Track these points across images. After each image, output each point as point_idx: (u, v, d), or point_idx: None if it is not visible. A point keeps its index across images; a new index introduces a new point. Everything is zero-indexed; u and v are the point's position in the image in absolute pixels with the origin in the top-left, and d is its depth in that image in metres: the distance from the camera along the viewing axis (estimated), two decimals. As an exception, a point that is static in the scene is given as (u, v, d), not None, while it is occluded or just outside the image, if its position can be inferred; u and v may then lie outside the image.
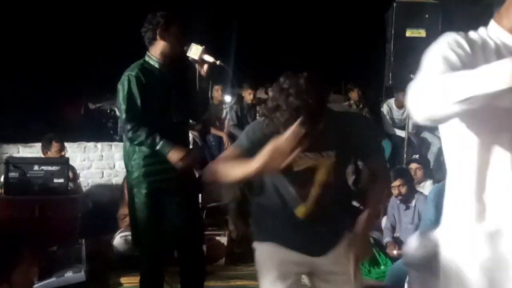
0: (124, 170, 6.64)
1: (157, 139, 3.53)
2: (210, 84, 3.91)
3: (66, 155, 6.05)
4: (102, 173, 7.09)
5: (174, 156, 3.54)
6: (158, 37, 3.63)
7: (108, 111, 9.18)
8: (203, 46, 3.59)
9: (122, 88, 3.57)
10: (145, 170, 3.60)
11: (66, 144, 6.31)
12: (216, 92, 7.81)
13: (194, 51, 3.59)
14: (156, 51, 3.66)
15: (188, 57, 3.64)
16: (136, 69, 3.59)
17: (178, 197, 3.66)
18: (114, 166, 7.11)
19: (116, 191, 6.35)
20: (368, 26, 8.82)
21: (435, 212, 4.01)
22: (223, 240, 5.59)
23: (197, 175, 6.24)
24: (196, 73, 3.67)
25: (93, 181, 7.01)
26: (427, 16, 4.64)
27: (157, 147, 3.53)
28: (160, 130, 3.55)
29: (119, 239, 5.29)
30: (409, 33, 5.06)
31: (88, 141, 7.23)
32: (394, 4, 5.53)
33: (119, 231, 5.40)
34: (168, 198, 3.64)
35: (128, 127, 3.56)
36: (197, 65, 3.65)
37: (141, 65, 3.64)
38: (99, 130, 8.79)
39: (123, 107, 3.56)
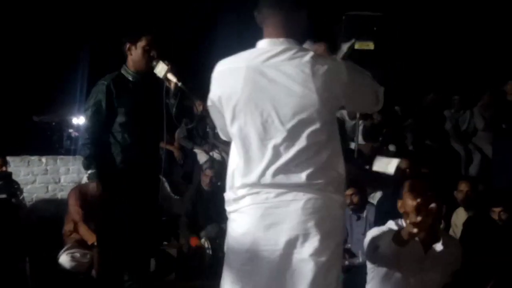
0: (70, 184, 6.64)
1: (92, 166, 3.71)
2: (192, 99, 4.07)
3: (9, 170, 5.89)
4: (47, 187, 6.93)
5: (93, 188, 3.74)
6: (126, 51, 3.77)
7: (53, 123, 8.99)
8: (169, 66, 3.61)
9: (91, 96, 3.73)
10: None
11: (8, 158, 6.19)
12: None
13: (160, 69, 3.69)
14: (129, 64, 3.79)
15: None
16: (109, 79, 3.73)
17: (138, 206, 3.75)
18: (59, 181, 6.97)
19: (62, 206, 6.18)
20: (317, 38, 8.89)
21: None
22: (173, 253, 5.51)
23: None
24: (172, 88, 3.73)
25: (38, 196, 6.85)
26: (375, 29, 4.72)
27: (87, 172, 3.75)
28: (129, 142, 3.72)
29: (65, 256, 5.15)
30: (358, 45, 5.12)
31: (32, 154, 7.07)
32: (343, 17, 5.64)
33: (65, 247, 5.26)
34: (129, 206, 3.72)
35: (85, 136, 3.76)
36: (165, 81, 3.68)
37: (115, 75, 3.77)
38: (44, 143, 8.59)
39: (88, 114, 3.73)
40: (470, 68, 9.51)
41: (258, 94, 2.19)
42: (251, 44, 2.30)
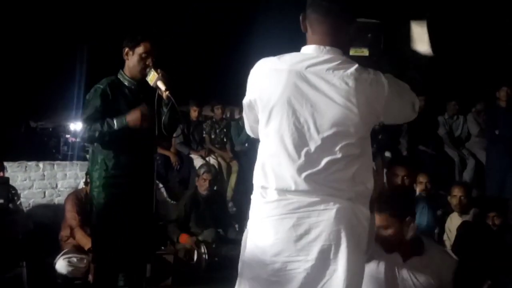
0: (67, 190, 6.64)
1: (112, 120, 3.61)
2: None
3: (6, 175, 5.88)
4: (44, 193, 6.91)
5: (133, 117, 3.63)
6: (124, 56, 3.80)
7: (50, 129, 8.99)
8: (159, 74, 3.62)
9: (87, 98, 3.74)
10: (106, 181, 3.70)
11: (6, 163, 6.17)
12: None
13: (151, 77, 3.69)
14: (126, 70, 3.82)
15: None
16: (105, 82, 3.75)
17: (133, 211, 3.73)
18: (56, 186, 6.96)
19: (58, 212, 6.19)
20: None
21: None
22: (170, 258, 5.51)
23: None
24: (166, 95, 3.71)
25: (35, 202, 6.82)
26: (369, 35, 4.76)
27: (115, 126, 3.60)
28: (122, 146, 3.69)
29: (62, 261, 5.15)
30: (352, 51, 5.16)
31: (29, 160, 7.05)
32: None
33: (61, 253, 5.26)
34: (124, 211, 3.70)
35: (85, 127, 3.70)
36: (157, 89, 3.70)
37: (111, 80, 3.80)
38: (41, 148, 8.60)
39: (83, 116, 3.72)
40: (464, 74, 9.55)
41: (297, 99, 2.17)
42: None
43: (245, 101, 2.36)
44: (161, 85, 3.63)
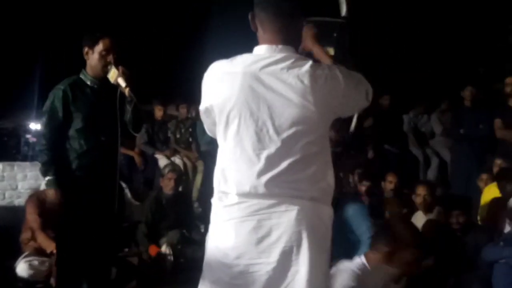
0: (27, 191, 6.52)
1: (50, 172, 3.65)
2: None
3: (-36, 176, 5.74)
4: (4, 194, 6.81)
5: (51, 195, 3.68)
6: (84, 56, 3.74)
7: (10, 129, 8.82)
8: (120, 70, 3.58)
9: (47, 101, 3.68)
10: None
11: (-37, 164, 6.01)
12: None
13: (111, 74, 3.66)
14: (87, 69, 3.75)
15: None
16: (66, 83, 3.68)
17: (97, 213, 3.70)
18: (16, 187, 6.85)
19: (19, 214, 6.06)
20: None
21: None
22: (134, 261, 5.45)
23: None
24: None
25: (-6, 203, 6.70)
26: (335, 34, 4.77)
27: (45, 179, 3.69)
28: (86, 148, 3.67)
29: (22, 264, 5.04)
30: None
31: (-12, 161, 6.92)
32: (304, 23, 5.67)
33: (22, 255, 5.15)
34: (88, 213, 3.66)
35: (41, 141, 3.70)
36: (119, 87, 3.64)
37: (73, 80, 3.73)
38: (0, 149, 8.41)
39: (44, 119, 3.69)
40: (430, 74, 9.68)
41: (254, 101, 2.14)
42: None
43: (201, 107, 2.33)
44: (121, 82, 3.59)
